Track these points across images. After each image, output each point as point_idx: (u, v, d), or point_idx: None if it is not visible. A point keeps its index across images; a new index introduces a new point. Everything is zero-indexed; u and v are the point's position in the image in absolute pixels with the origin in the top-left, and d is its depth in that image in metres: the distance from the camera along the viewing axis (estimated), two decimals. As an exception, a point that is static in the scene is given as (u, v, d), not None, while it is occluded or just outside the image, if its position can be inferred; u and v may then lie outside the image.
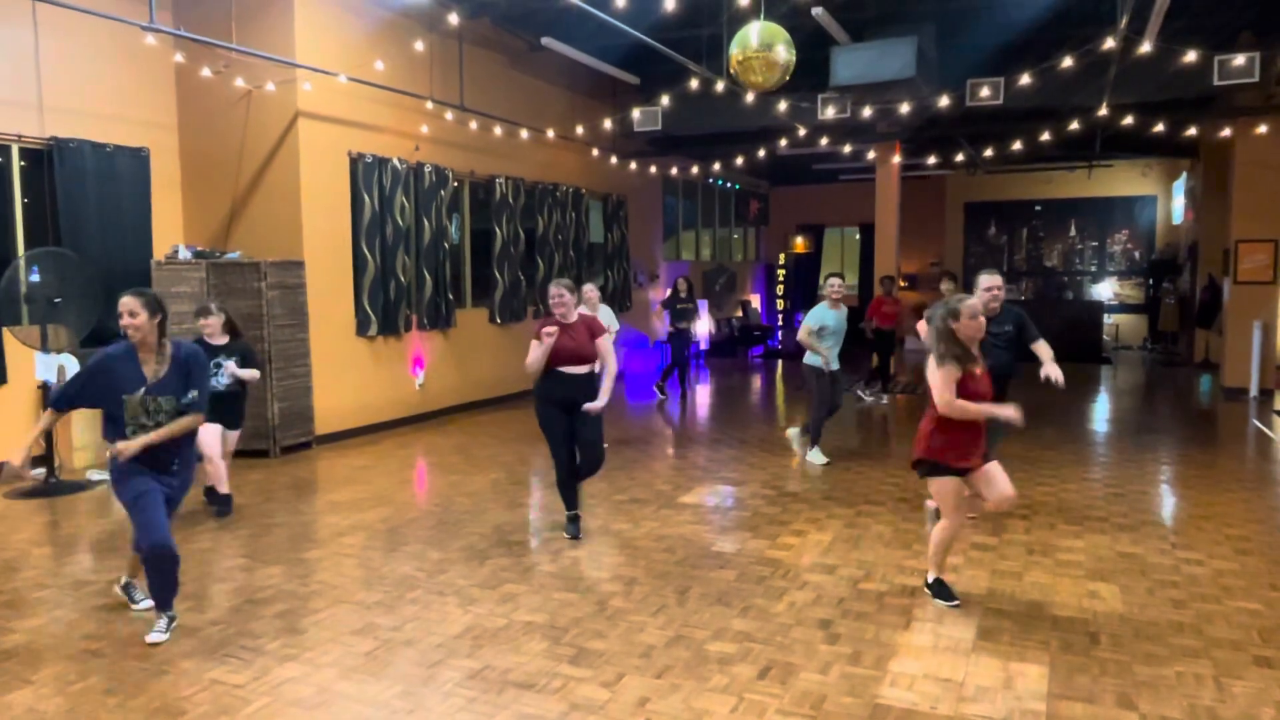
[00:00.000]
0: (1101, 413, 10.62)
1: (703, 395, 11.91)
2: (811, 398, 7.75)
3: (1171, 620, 4.20)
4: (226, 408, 6.08)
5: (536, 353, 5.28)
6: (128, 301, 3.98)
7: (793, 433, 7.88)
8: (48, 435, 7.08)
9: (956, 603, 4.39)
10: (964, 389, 4.22)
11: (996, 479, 4.35)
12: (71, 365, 7.45)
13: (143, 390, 3.97)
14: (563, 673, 3.72)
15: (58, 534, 5.90)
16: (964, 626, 4.15)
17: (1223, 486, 6.73)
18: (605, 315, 8.19)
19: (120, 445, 3.94)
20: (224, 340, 6.17)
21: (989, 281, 5.58)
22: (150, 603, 4.25)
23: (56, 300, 6.95)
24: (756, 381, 13.88)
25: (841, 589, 4.65)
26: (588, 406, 5.35)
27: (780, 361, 16.65)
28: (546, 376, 5.38)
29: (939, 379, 4.21)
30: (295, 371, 8.32)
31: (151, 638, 4.04)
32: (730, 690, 3.55)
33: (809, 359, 7.61)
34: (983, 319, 4.28)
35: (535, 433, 9.16)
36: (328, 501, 6.60)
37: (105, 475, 7.19)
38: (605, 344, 5.50)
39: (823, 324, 7.45)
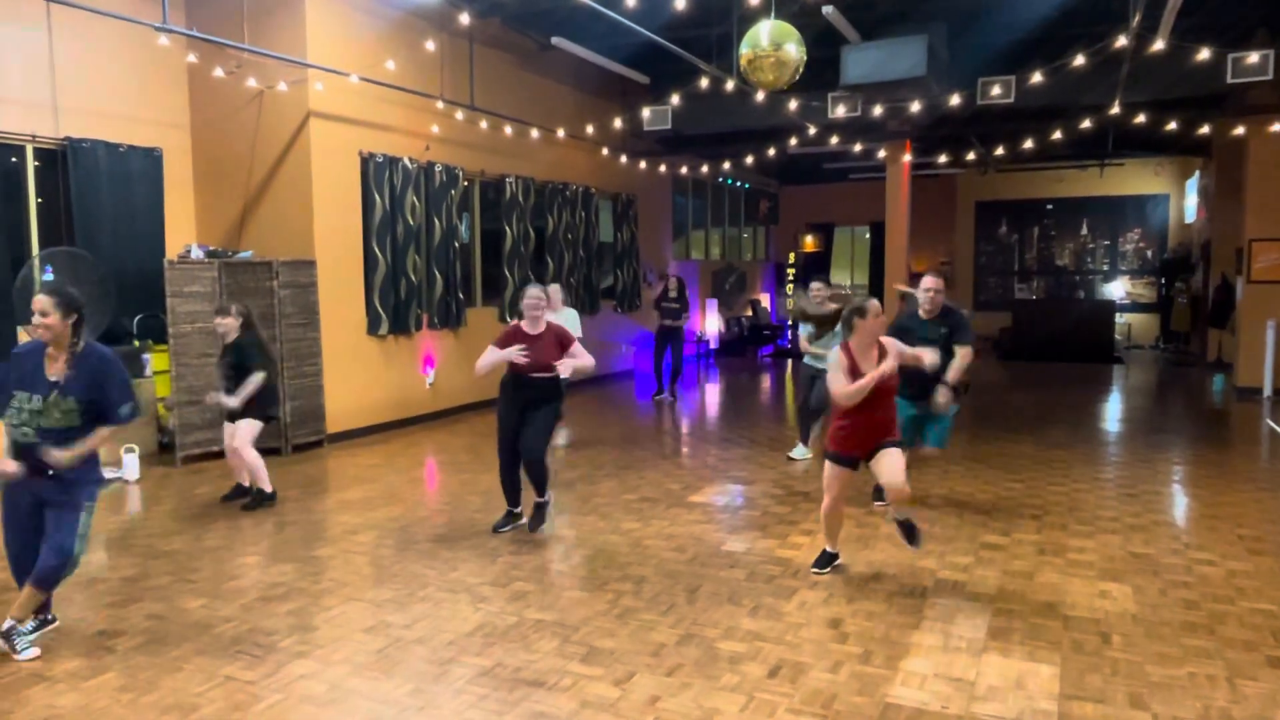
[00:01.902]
0: (1113, 412, 10.57)
1: (712, 395, 11.90)
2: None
3: (1184, 621, 4.18)
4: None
5: (492, 359, 5.46)
6: (39, 300, 3.79)
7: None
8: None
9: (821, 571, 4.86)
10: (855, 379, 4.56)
11: (883, 464, 4.63)
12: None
13: (49, 390, 3.80)
14: (573, 670, 3.73)
15: (72, 531, 5.94)
16: (975, 626, 4.14)
17: (1235, 487, 6.70)
18: (568, 318, 7.98)
19: (56, 455, 3.76)
20: (231, 340, 6.17)
21: (928, 282, 5.85)
22: (34, 652, 3.91)
23: (70, 299, 6.99)
24: (766, 381, 13.87)
25: (851, 588, 4.65)
26: (559, 364, 5.48)
27: (790, 361, 16.63)
28: (514, 378, 5.57)
29: (830, 375, 4.63)
30: (306, 370, 8.36)
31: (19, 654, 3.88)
32: (740, 689, 3.55)
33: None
34: (884, 319, 4.67)
35: (545, 432, 9.20)
36: (339, 499, 6.63)
37: (116, 473, 7.24)
38: (578, 350, 5.59)
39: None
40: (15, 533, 3.98)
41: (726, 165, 16.42)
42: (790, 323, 8.49)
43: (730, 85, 9.07)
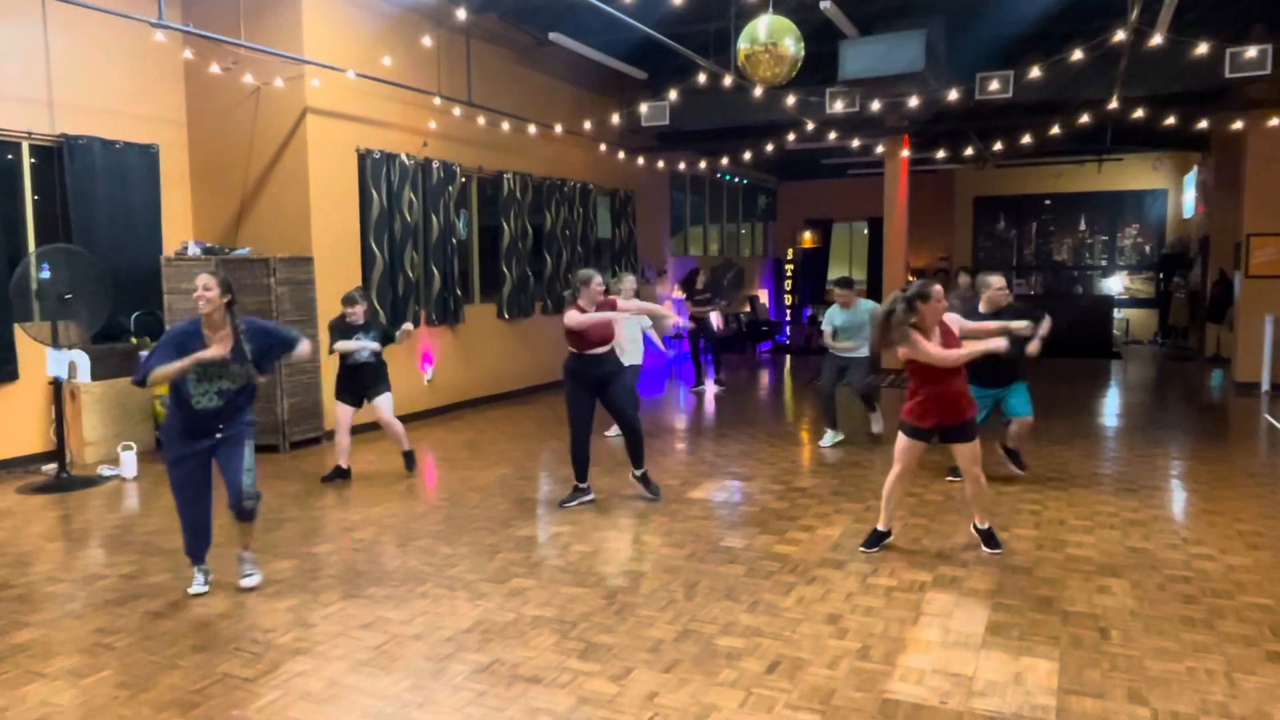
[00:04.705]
0: (1112, 408, 10.57)
1: (711, 390, 11.89)
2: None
3: (1183, 616, 4.18)
4: (370, 377, 6.93)
5: (590, 321, 5.93)
6: (203, 278, 4.40)
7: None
8: (60, 430, 7.13)
9: (875, 550, 5.09)
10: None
11: (961, 452, 4.97)
12: (82, 361, 7.49)
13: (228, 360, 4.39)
14: (571, 667, 3.72)
15: (70, 528, 5.94)
16: (973, 621, 4.14)
17: (1234, 481, 6.70)
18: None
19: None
20: (363, 322, 6.89)
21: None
22: (255, 579, 4.69)
23: (67, 296, 6.98)
24: (765, 377, 13.87)
25: (850, 584, 4.65)
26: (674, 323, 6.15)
27: (789, 357, 16.63)
28: (576, 358, 6.07)
29: (924, 347, 4.76)
30: (305, 367, 8.33)
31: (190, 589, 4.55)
32: (738, 685, 3.55)
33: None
34: (945, 303, 4.87)
35: (543, 428, 9.22)
36: (337, 496, 6.63)
37: (116, 470, 7.24)
38: (625, 305, 6.28)
39: (833, 324, 8.17)
40: (192, 504, 4.52)
41: (725, 161, 16.40)
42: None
43: (728, 81, 9.04)
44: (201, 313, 4.39)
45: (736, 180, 18.32)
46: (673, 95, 10.55)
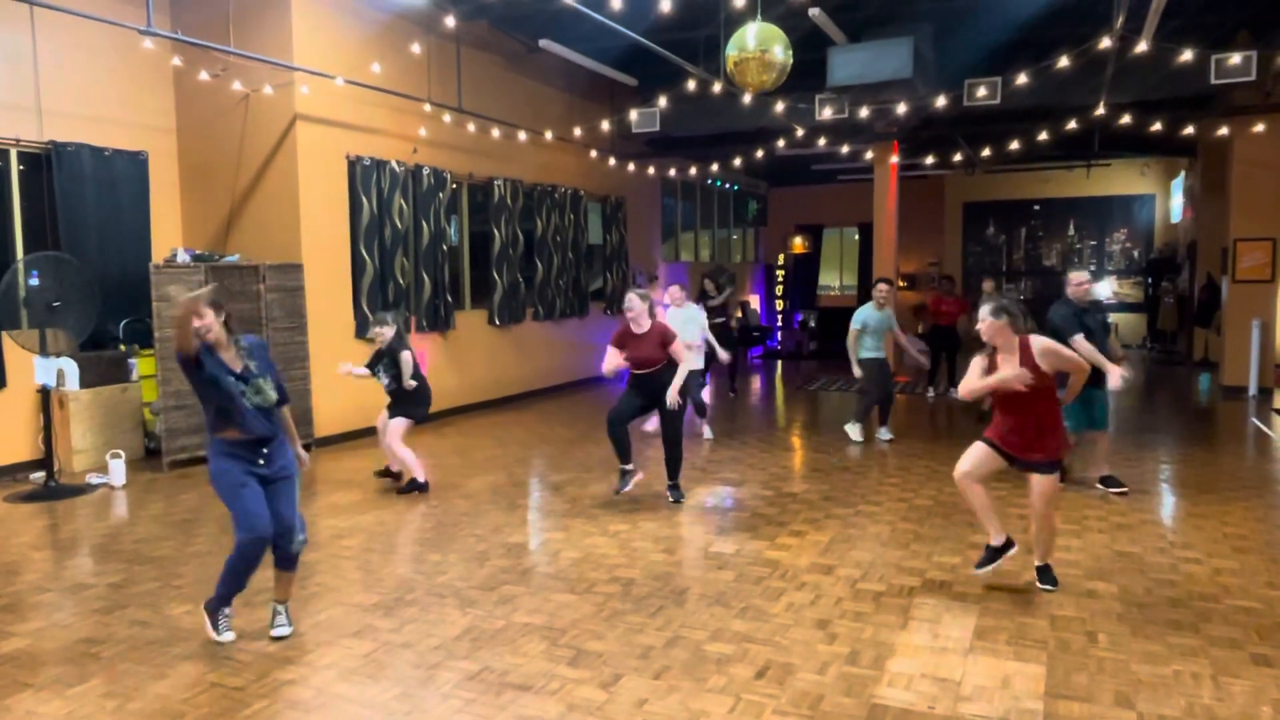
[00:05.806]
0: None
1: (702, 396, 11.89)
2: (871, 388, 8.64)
3: (1169, 619, 4.20)
4: (395, 398, 6.92)
5: (610, 362, 6.25)
6: (196, 307, 3.99)
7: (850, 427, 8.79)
8: (48, 439, 7.09)
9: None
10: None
11: (1033, 487, 4.54)
12: (70, 369, 7.46)
13: (249, 376, 4.06)
14: (561, 674, 3.72)
15: (58, 537, 5.91)
16: (961, 626, 4.15)
17: (1221, 485, 6.74)
18: (688, 315, 8.55)
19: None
20: (384, 349, 6.86)
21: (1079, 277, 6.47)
22: (287, 630, 4.19)
23: (55, 304, 6.96)
24: (756, 383, 13.88)
25: (839, 589, 4.65)
26: (669, 402, 6.18)
27: (780, 362, 16.65)
28: (631, 374, 6.35)
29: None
30: (294, 374, 8.32)
31: (221, 636, 4.12)
32: (728, 691, 3.55)
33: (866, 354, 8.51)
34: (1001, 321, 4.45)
35: (534, 434, 9.21)
36: (326, 504, 6.61)
37: (104, 478, 7.20)
38: (676, 348, 6.27)
39: (864, 323, 8.44)
40: (263, 509, 4.09)
41: (715, 167, 16.43)
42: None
43: (717, 87, 9.08)
44: (209, 343, 4.03)
45: (727, 186, 18.36)
46: (663, 102, 10.58)
